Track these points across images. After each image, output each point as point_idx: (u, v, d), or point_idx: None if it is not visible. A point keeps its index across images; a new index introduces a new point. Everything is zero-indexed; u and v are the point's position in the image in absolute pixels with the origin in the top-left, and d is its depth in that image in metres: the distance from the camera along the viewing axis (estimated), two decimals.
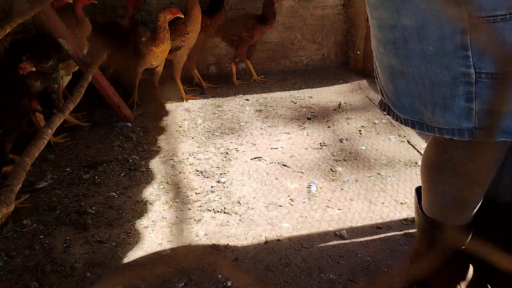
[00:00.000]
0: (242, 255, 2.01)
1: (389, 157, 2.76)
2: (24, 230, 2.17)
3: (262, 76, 4.08)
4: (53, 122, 2.17)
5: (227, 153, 2.84)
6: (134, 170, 2.66)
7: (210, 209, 2.31)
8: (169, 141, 3.02)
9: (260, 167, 2.69)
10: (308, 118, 3.30)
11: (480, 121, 1.18)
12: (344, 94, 3.72)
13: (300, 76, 4.13)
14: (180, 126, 3.22)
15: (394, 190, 2.45)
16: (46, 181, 2.57)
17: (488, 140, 0.96)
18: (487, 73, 1.12)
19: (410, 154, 2.79)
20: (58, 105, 2.76)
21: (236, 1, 3.98)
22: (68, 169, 2.70)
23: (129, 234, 2.15)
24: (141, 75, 3.37)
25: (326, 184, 2.51)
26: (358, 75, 4.05)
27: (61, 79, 3.01)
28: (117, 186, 2.52)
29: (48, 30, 2.63)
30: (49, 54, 2.56)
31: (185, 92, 3.71)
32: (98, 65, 2.92)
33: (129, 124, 3.24)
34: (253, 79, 4.00)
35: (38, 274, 1.91)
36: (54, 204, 2.36)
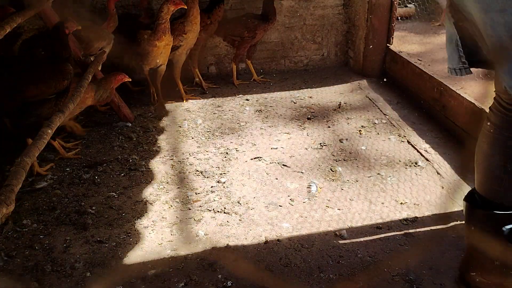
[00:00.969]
0: (242, 255, 2.02)
1: (389, 157, 2.76)
2: (24, 230, 2.18)
3: (262, 76, 4.08)
4: (53, 122, 2.16)
5: (227, 153, 2.84)
6: (134, 170, 2.66)
7: (210, 209, 2.31)
8: (169, 141, 3.02)
9: (260, 167, 2.69)
10: (308, 118, 3.30)
11: None
12: (344, 94, 3.72)
13: (300, 76, 4.14)
14: (180, 126, 3.22)
15: (394, 190, 2.45)
16: (46, 181, 2.56)
17: None
18: None
19: (410, 154, 2.79)
20: None
21: (236, 1, 3.98)
22: (68, 169, 2.70)
23: (129, 234, 2.15)
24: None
25: (326, 184, 2.51)
26: (358, 75, 4.05)
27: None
28: (117, 186, 2.52)
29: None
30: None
31: (185, 92, 3.71)
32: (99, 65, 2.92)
33: (129, 124, 3.24)
34: (253, 79, 4.01)
35: (38, 274, 1.91)
36: (54, 204, 2.36)
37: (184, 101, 3.60)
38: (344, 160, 2.74)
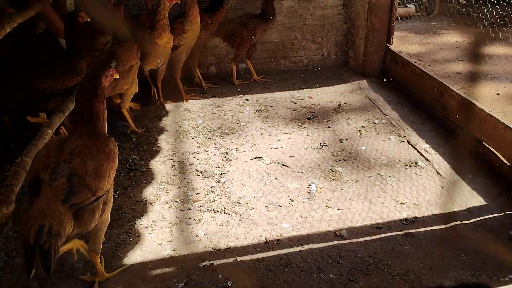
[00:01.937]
0: (242, 255, 2.02)
1: (389, 157, 2.76)
2: None
3: (262, 76, 4.08)
4: (53, 122, 2.17)
5: (227, 153, 2.84)
6: (134, 170, 2.66)
7: (210, 209, 2.31)
8: (169, 141, 3.02)
9: (260, 167, 2.69)
10: (308, 118, 3.30)
11: None
12: (344, 94, 3.72)
13: (300, 76, 4.14)
14: (180, 126, 3.22)
15: (394, 190, 2.45)
16: None
17: None
18: None
19: (410, 154, 2.79)
20: None
21: (236, 1, 3.98)
22: None
23: (129, 234, 2.15)
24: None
25: (326, 184, 2.51)
26: (358, 75, 4.05)
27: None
28: (117, 186, 2.52)
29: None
30: None
31: (185, 92, 3.71)
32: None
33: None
34: (253, 79, 4.01)
35: (38, 274, 1.91)
36: None
37: (184, 101, 3.60)
38: (344, 160, 2.74)
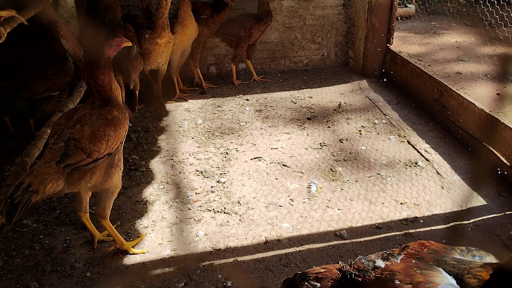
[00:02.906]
0: (242, 255, 2.02)
1: (389, 157, 2.76)
2: (24, 230, 2.17)
3: (262, 76, 4.08)
4: (53, 122, 2.17)
5: (227, 153, 2.84)
6: (134, 170, 2.66)
7: (210, 209, 2.31)
8: (169, 141, 3.02)
9: (260, 167, 2.69)
10: (308, 118, 3.30)
11: None
12: (344, 94, 3.72)
13: (300, 76, 4.13)
14: (180, 126, 3.22)
15: (394, 190, 2.45)
16: None
17: None
18: None
19: (410, 154, 2.79)
20: None
21: (236, 1, 3.98)
22: None
23: (129, 234, 2.15)
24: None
25: (326, 184, 2.51)
26: (358, 75, 4.05)
27: None
28: None
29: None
30: None
31: (185, 92, 3.71)
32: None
33: (129, 124, 3.22)
34: (253, 79, 4.01)
35: (38, 274, 1.91)
36: (54, 204, 2.36)
37: (177, 96, 3.62)
38: (344, 160, 2.74)
